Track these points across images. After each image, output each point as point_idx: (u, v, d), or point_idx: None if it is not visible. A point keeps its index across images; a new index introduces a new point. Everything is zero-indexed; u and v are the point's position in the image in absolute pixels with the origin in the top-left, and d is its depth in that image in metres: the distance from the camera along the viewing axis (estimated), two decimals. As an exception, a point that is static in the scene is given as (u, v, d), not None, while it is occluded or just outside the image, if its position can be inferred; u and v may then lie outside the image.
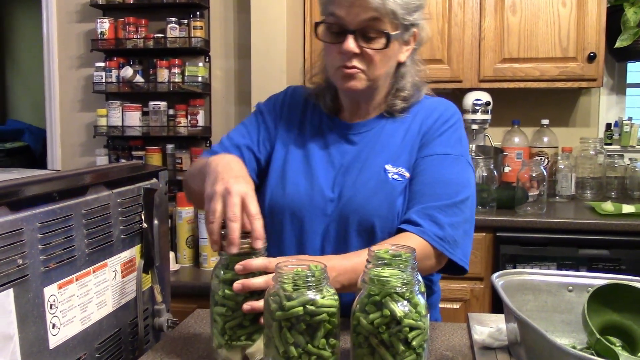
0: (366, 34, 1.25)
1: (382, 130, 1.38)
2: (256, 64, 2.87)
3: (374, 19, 1.23)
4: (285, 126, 1.44)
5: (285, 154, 1.41)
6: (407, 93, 1.38)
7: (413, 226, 1.25)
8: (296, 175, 1.37)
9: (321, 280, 0.94)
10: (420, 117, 1.38)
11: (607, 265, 2.46)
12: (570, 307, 1.12)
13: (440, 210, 1.26)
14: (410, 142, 1.35)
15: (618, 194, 3.04)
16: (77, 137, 3.43)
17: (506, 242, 2.52)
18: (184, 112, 3.13)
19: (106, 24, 3.13)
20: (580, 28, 2.79)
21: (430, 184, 1.29)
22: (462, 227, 1.28)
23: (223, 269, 1.06)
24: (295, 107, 1.47)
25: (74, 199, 1.03)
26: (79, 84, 3.40)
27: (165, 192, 1.34)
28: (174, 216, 2.39)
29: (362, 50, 1.26)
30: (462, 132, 1.39)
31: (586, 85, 2.88)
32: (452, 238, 1.25)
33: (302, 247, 1.34)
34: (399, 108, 1.38)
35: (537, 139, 3.12)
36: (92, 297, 1.08)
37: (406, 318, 0.90)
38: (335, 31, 1.27)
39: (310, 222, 1.33)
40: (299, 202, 1.34)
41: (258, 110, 1.50)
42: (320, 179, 1.36)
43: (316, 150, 1.39)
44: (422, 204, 1.27)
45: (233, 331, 1.05)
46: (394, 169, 1.32)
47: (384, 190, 1.31)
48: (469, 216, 1.30)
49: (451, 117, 1.38)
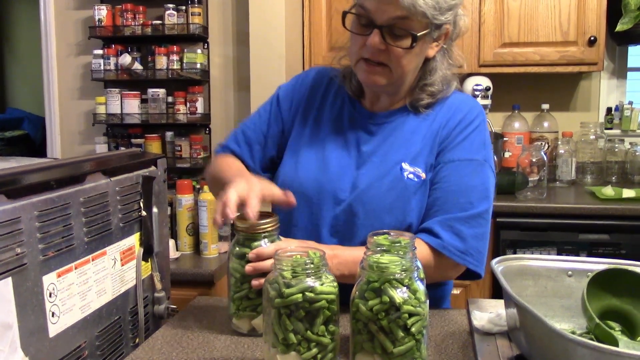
0: (393, 30, 1.21)
1: (404, 125, 1.34)
2: (255, 50, 2.85)
3: (403, 17, 1.19)
4: (303, 109, 1.43)
5: (300, 136, 1.41)
6: (436, 88, 1.34)
7: (434, 238, 1.24)
8: (309, 159, 1.37)
9: (320, 267, 0.94)
10: (444, 116, 1.34)
11: (608, 250, 2.46)
12: (569, 292, 1.12)
13: (463, 222, 1.25)
14: (430, 142, 1.32)
15: (618, 178, 3.04)
16: (76, 125, 3.42)
17: (506, 227, 2.52)
18: (182, 100, 3.12)
19: (104, 11, 3.11)
20: (580, 12, 2.77)
21: (453, 192, 1.27)
22: (484, 238, 1.27)
23: (236, 245, 1.14)
24: (316, 89, 1.45)
25: (72, 187, 1.03)
26: (78, 71, 3.38)
27: (164, 179, 1.34)
28: (174, 204, 2.39)
29: (388, 47, 1.22)
30: (486, 134, 1.36)
31: (587, 69, 2.86)
32: (476, 250, 1.25)
33: (311, 233, 1.33)
34: (424, 103, 1.34)
35: (538, 124, 3.11)
36: (92, 285, 1.08)
37: (405, 304, 0.90)
38: (363, 23, 1.24)
39: (319, 208, 1.33)
40: (310, 186, 1.34)
41: (276, 96, 1.48)
42: (334, 165, 1.34)
43: (333, 135, 1.38)
44: (445, 213, 1.26)
45: (240, 301, 1.14)
46: (410, 168, 1.30)
47: (397, 189, 1.29)
48: (489, 225, 1.30)
49: (475, 119, 1.34)
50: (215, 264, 2.27)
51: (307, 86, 1.46)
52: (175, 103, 3.13)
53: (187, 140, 3.16)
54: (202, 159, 3.13)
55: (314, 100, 1.43)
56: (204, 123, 3.20)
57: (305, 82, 1.47)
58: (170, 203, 2.38)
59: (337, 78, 1.43)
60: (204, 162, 3.16)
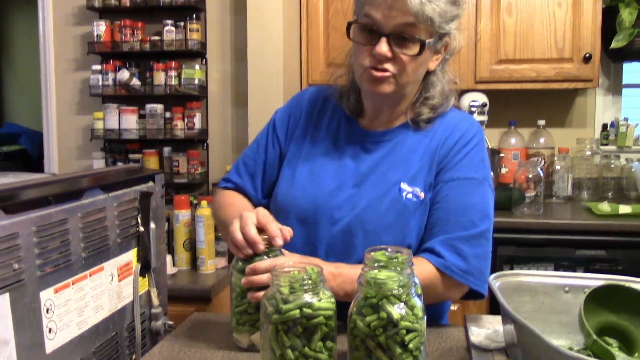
0: (400, 38, 1.22)
1: (403, 144, 1.34)
2: (253, 66, 2.87)
3: (410, 24, 1.20)
4: (300, 129, 1.43)
5: (296, 155, 1.41)
6: (436, 102, 1.35)
7: (436, 257, 1.25)
8: (304, 178, 1.37)
9: (318, 283, 0.94)
10: (442, 134, 1.34)
11: (604, 265, 2.46)
12: (567, 308, 1.12)
13: (465, 242, 1.25)
14: (428, 161, 1.32)
15: (614, 194, 3.05)
16: (74, 140, 3.42)
17: (503, 243, 2.52)
18: (180, 115, 3.13)
19: (102, 27, 3.12)
20: (575, 29, 2.80)
21: (454, 211, 1.27)
22: (486, 257, 1.28)
23: (239, 259, 1.15)
24: (312, 108, 1.45)
25: (70, 202, 1.03)
26: (76, 87, 3.39)
27: (161, 195, 1.34)
28: (171, 219, 2.39)
29: (395, 55, 1.23)
30: (485, 153, 1.36)
31: (582, 85, 2.88)
32: (478, 269, 1.26)
33: (308, 253, 1.32)
34: (425, 117, 1.34)
35: (534, 140, 3.12)
36: (89, 301, 1.08)
37: (403, 320, 0.90)
38: (368, 32, 1.24)
39: (315, 227, 1.32)
40: (305, 205, 1.34)
41: (272, 122, 1.49)
42: (330, 183, 1.34)
43: (329, 153, 1.38)
44: (446, 233, 1.26)
45: (240, 316, 1.15)
46: (409, 188, 1.30)
47: (396, 209, 1.29)
48: (490, 245, 1.30)
49: (474, 137, 1.34)
50: (212, 279, 2.26)
51: (302, 106, 1.46)
52: (173, 118, 3.14)
53: (184, 156, 3.16)
54: (199, 175, 3.14)
55: (310, 120, 1.44)
56: (202, 138, 3.20)
57: (301, 103, 1.47)
58: (167, 218, 2.38)
59: (333, 97, 1.43)
60: (202, 178, 3.17)
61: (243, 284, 1.10)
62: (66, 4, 3.35)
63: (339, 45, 2.94)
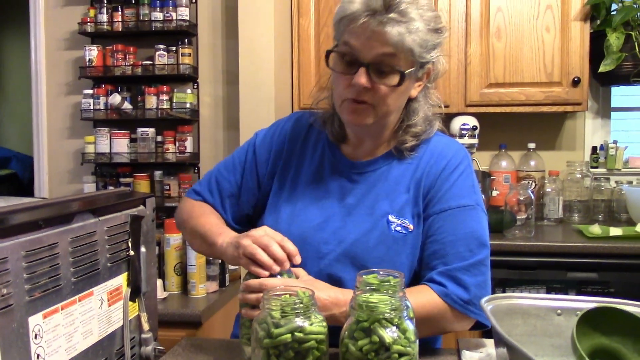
0: (379, 68, 1.19)
1: (388, 174, 1.32)
2: (244, 90, 2.88)
3: (390, 54, 1.18)
4: (283, 159, 1.40)
5: (280, 191, 1.38)
6: (419, 129, 1.32)
7: (437, 286, 1.22)
8: (290, 213, 1.34)
9: (309, 307, 0.93)
10: (426, 161, 1.32)
11: (596, 288, 2.46)
12: (559, 331, 1.12)
13: (465, 271, 1.23)
14: (414, 192, 1.30)
15: (605, 216, 3.06)
16: (65, 164, 3.42)
17: (495, 266, 2.49)
18: (172, 139, 3.13)
19: (94, 52, 3.14)
20: (564, 53, 2.83)
21: (450, 243, 1.25)
22: (487, 286, 1.26)
23: (248, 275, 1.18)
24: (295, 138, 1.42)
25: (60, 226, 1.02)
26: (67, 111, 3.40)
27: (152, 219, 1.33)
28: (161, 243, 2.37)
29: (374, 85, 1.20)
30: (474, 177, 1.34)
31: (571, 109, 2.91)
32: (479, 299, 1.21)
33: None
34: (408, 146, 1.32)
35: (524, 163, 3.14)
36: (78, 327, 1.06)
37: (395, 344, 0.90)
38: (347, 61, 1.22)
39: (302, 264, 1.28)
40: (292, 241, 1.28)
41: (252, 145, 1.45)
42: (316, 219, 1.31)
43: (314, 186, 1.35)
44: (445, 265, 1.23)
45: (243, 328, 1.17)
46: (397, 221, 1.28)
47: (385, 243, 1.27)
48: (489, 272, 1.29)
49: (460, 163, 1.32)
50: (203, 304, 2.24)
51: (284, 136, 1.43)
52: (164, 142, 3.14)
53: (175, 180, 3.16)
54: (190, 198, 3.12)
55: (292, 150, 1.41)
56: (193, 162, 3.20)
57: (283, 132, 1.44)
58: (158, 242, 2.37)
59: (316, 123, 1.40)
60: (193, 201, 3.15)
61: (239, 299, 1.14)
62: (58, 29, 3.36)
63: (330, 69, 2.96)
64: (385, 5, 1.15)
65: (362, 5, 1.17)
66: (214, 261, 2.36)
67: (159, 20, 3.08)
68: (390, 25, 1.15)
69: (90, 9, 3.19)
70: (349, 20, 1.19)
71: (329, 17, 2.95)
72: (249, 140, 1.48)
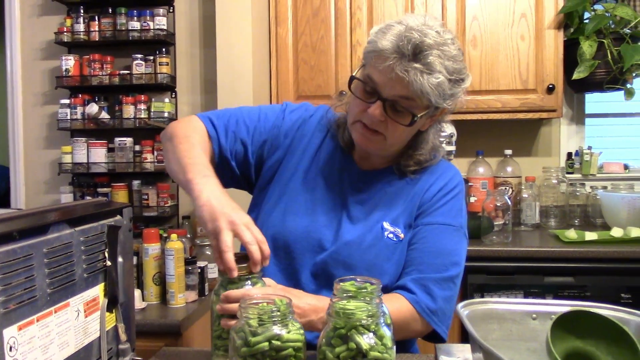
0: (395, 106, 1.24)
1: (389, 186, 1.38)
2: (222, 99, 2.88)
3: (407, 97, 1.22)
4: (302, 148, 1.43)
5: (291, 181, 1.40)
6: (424, 158, 1.38)
7: (408, 293, 1.28)
8: (298, 208, 1.37)
9: (287, 315, 0.94)
10: (427, 180, 1.38)
11: (573, 292, 2.49)
12: (535, 335, 1.13)
13: (436, 283, 1.28)
14: (410, 205, 1.36)
15: (581, 221, 3.10)
16: (42, 174, 3.38)
17: (473, 271, 2.54)
18: (150, 148, 3.12)
19: (71, 61, 3.12)
20: (539, 61, 2.88)
21: (429, 253, 1.31)
22: (452, 301, 1.31)
23: (221, 286, 1.15)
24: (320, 130, 1.45)
25: (35, 237, 1.02)
26: (44, 121, 3.37)
27: (129, 229, 1.33)
28: (140, 253, 2.36)
29: (386, 119, 1.25)
30: (464, 202, 1.42)
31: (546, 115, 2.95)
32: (443, 312, 1.29)
33: (290, 275, 1.34)
34: (411, 170, 1.38)
35: (501, 169, 3.17)
36: (54, 338, 1.06)
37: (372, 351, 0.90)
38: (367, 90, 1.26)
39: (301, 258, 1.34)
40: (297, 236, 1.35)
41: (282, 113, 1.46)
42: (322, 218, 1.36)
43: (324, 187, 1.39)
44: (420, 273, 1.29)
45: (217, 340, 1.16)
46: (391, 228, 1.34)
47: (377, 247, 1.32)
48: (457, 290, 1.34)
49: (456, 187, 1.39)
50: (182, 313, 2.23)
51: (312, 126, 1.45)
52: (142, 152, 3.13)
53: (154, 189, 3.14)
54: (169, 208, 3.11)
55: (314, 142, 1.43)
56: (172, 171, 3.18)
57: (313, 122, 1.46)
58: (137, 252, 2.35)
59: (334, 125, 1.44)
60: (172, 211, 3.14)
61: (217, 311, 1.11)
62: (34, 38, 3.34)
63: (308, 77, 2.98)
64: (415, 52, 1.18)
65: (393, 46, 1.20)
66: (193, 271, 2.35)
67: (136, 29, 3.07)
68: (414, 74, 1.18)
69: (67, 19, 3.17)
70: (377, 56, 1.23)
71: (307, 26, 2.96)
72: (279, 106, 1.49)
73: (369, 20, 2.93)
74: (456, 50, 1.24)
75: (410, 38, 1.18)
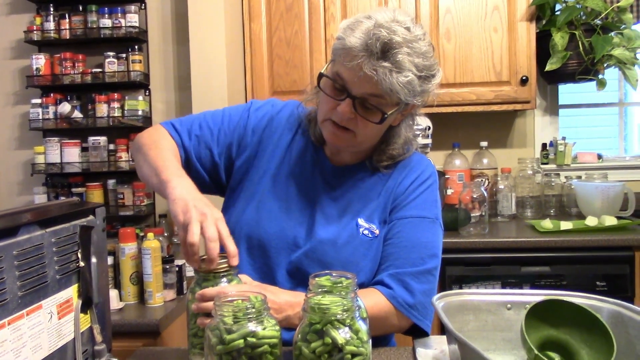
0: (365, 103, 1.22)
1: (362, 182, 1.37)
2: (197, 95, 2.86)
3: (377, 95, 1.21)
4: (272, 145, 1.41)
5: (263, 179, 1.39)
6: (396, 152, 1.37)
7: (385, 288, 1.27)
8: (272, 208, 1.36)
9: (262, 312, 0.93)
10: (399, 174, 1.37)
11: (549, 281, 2.52)
12: (510, 325, 1.14)
13: (413, 277, 1.28)
14: (384, 200, 1.35)
15: (556, 211, 3.14)
16: (14, 175, 3.34)
17: (451, 263, 2.56)
18: (125, 147, 3.09)
19: (42, 60, 3.07)
20: (512, 53, 2.90)
21: (405, 248, 1.30)
22: (431, 294, 1.29)
23: (196, 284, 1.14)
24: (290, 127, 1.43)
25: (5, 240, 1.00)
26: (15, 121, 3.32)
27: (103, 228, 1.31)
28: (116, 253, 2.33)
29: (356, 116, 1.24)
30: (437, 193, 1.41)
31: (520, 107, 2.97)
32: (423, 305, 1.28)
33: (266, 274, 1.33)
34: (384, 164, 1.37)
35: (477, 161, 3.19)
36: (27, 341, 1.04)
37: (348, 345, 0.90)
38: (336, 87, 1.24)
39: (276, 257, 1.33)
40: (272, 235, 1.33)
41: (246, 112, 1.44)
42: (296, 216, 1.35)
43: (296, 184, 1.38)
44: (396, 268, 1.29)
45: (193, 339, 1.15)
46: (366, 224, 1.33)
47: (352, 244, 1.31)
48: (436, 283, 1.33)
49: (428, 178, 1.38)
50: (160, 313, 2.22)
51: (282, 122, 1.43)
52: (117, 150, 3.09)
53: (129, 188, 3.11)
54: (145, 207, 3.09)
55: (285, 138, 1.42)
56: (147, 170, 3.16)
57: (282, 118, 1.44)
58: (113, 252, 2.33)
59: (304, 120, 1.43)
60: (148, 210, 3.12)
61: (193, 310, 1.09)
62: (3, 37, 3.29)
63: (284, 73, 2.96)
64: (383, 50, 1.16)
65: (361, 43, 1.17)
66: (171, 269, 2.33)
67: (107, 27, 3.03)
68: (383, 73, 1.16)
69: (37, 17, 3.12)
70: (345, 54, 1.20)
71: (281, 21, 2.95)
72: (243, 105, 1.47)
73: (342, 15, 2.93)
74: (426, 46, 1.23)
75: (379, 36, 1.16)
